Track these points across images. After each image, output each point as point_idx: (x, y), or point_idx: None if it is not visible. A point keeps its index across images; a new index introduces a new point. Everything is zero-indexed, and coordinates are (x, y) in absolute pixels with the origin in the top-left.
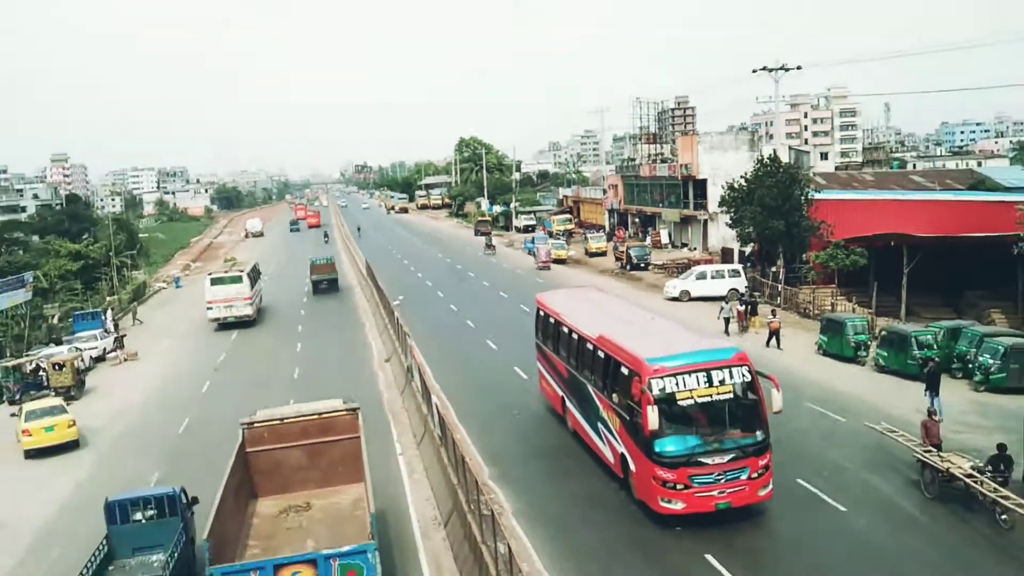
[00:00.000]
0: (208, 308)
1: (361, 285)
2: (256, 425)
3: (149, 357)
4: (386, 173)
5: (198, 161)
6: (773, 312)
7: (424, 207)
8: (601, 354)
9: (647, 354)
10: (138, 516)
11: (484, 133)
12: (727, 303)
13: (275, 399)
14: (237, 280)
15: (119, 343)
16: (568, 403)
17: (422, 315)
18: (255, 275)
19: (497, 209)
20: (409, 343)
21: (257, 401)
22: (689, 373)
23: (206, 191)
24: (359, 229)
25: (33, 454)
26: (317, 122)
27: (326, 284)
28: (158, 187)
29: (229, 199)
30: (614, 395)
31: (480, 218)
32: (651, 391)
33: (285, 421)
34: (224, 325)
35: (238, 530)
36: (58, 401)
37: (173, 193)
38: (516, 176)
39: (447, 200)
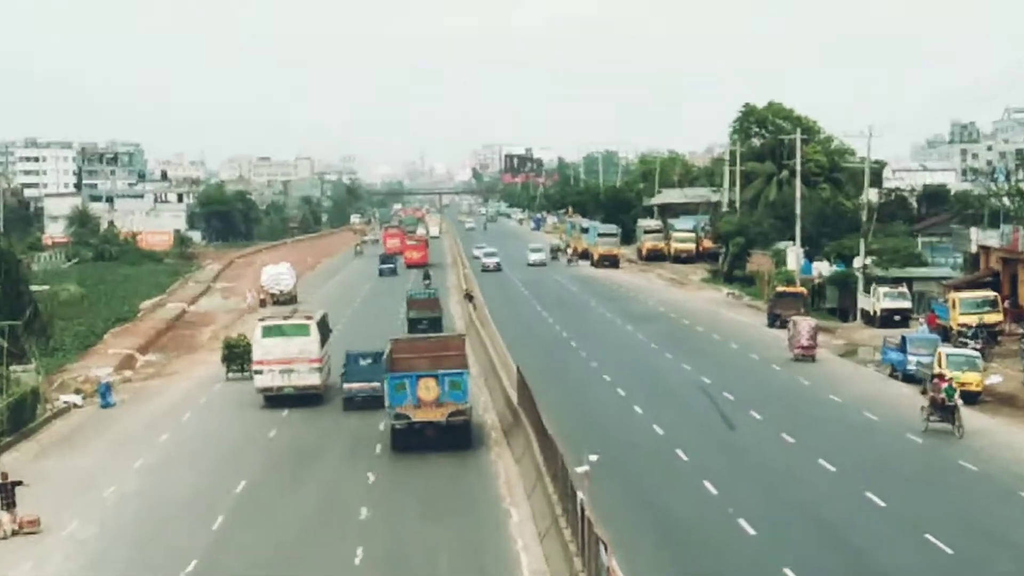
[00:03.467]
0: (255, 372)
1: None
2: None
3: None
4: (572, 176)
5: (165, 139)
6: None
7: (654, 255)
8: None
9: None
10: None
11: (794, 100)
12: None
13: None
14: (302, 331)
15: (6, 499)
16: None
17: (639, 496)
18: (325, 329)
19: (822, 269)
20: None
21: None
22: None
23: (180, 198)
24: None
25: None
26: (424, 79)
27: (426, 324)
28: (78, 182)
29: (227, 218)
30: None
31: (783, 288)
32: None
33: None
34: (275, 399)
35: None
36: None
37: (108, 200)
38: (870, 197)
39: (706, 243)
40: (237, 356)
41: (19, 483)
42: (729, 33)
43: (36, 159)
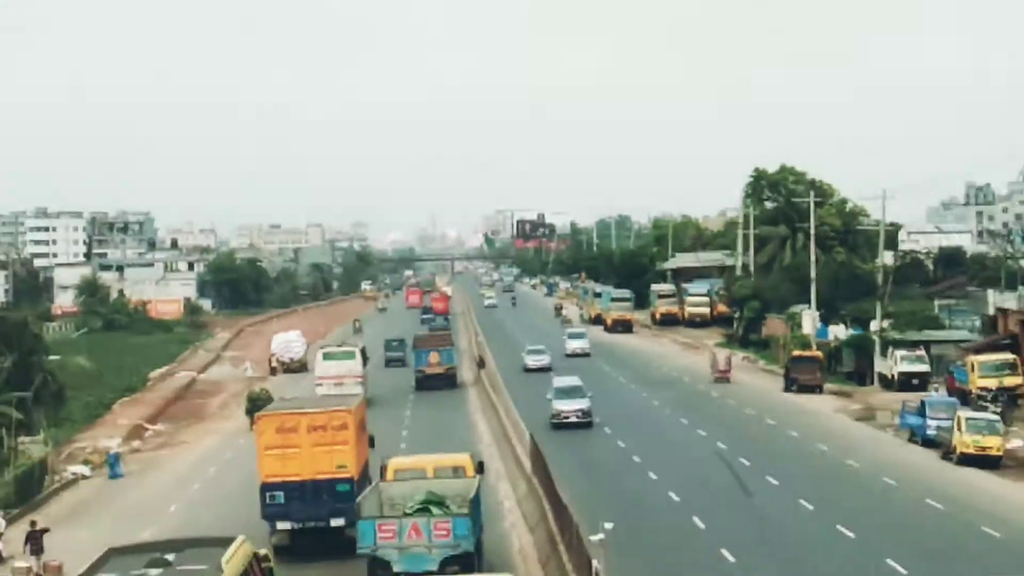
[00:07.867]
0: (317, 384)
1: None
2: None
3: None
4: (585, 240)
5: (176, 208)
6: None
7: (668, 320)
8: None
9: None
10: (394, 344)
11: (806, 163)
12: None
13: None
14: (350, 356)
15: (35, 544)
16: None
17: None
18: (364, 356)
19: (839, 333)
20: None
21: None
22: None
23: (191, 267)
24: None
25: None
26: (436, 144)
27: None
28: (88, 251)
29: (238, 286)
30: None
31: (799, 352)
32: None
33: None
34: None
35: None
36: None
37: (118, 269)
38: (885, 260)
39: (720, 307)
40: (261, 409)
41: (46, 531)
42: (740, 98)
43: (46, 229)
